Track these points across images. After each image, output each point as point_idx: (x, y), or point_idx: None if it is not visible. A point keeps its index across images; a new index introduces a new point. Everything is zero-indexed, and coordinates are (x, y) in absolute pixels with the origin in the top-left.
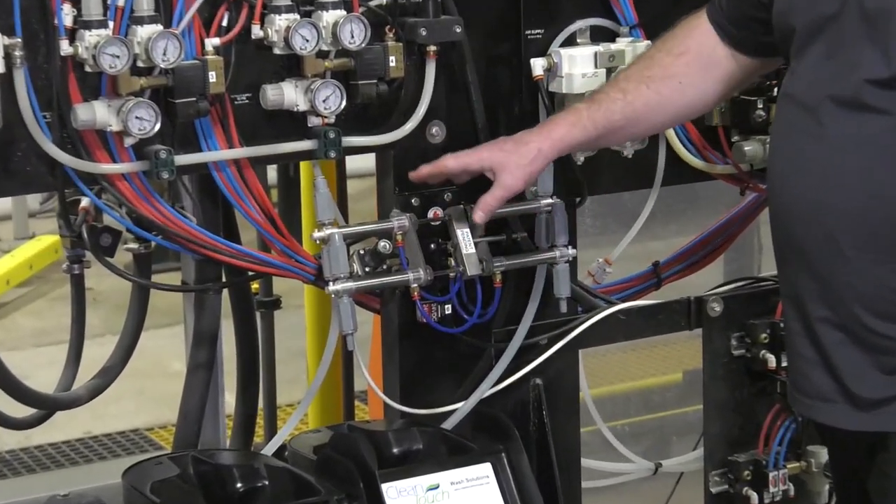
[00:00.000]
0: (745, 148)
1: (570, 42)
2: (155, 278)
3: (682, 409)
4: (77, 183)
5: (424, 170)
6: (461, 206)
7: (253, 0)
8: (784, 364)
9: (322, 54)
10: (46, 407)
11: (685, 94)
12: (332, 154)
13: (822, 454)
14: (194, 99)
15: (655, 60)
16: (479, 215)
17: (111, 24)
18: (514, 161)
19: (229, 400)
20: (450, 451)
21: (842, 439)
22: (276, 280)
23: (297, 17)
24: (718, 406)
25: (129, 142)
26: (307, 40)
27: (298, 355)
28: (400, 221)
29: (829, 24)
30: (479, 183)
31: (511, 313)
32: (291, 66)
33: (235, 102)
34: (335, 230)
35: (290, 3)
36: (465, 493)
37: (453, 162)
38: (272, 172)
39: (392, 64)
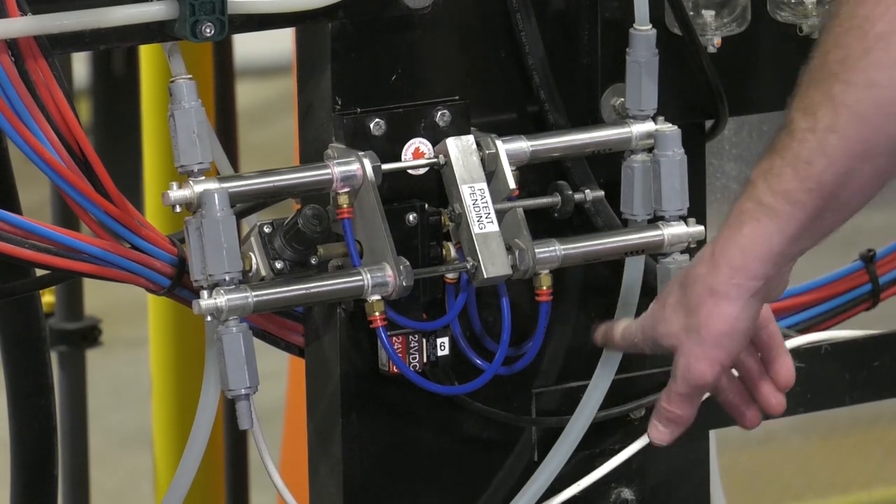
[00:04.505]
0: None
1: None
2: None
3: None
4: None
5: (616, 333)
6: (469, 137)
7: None
8: None
9: None
10: None
11: None
12: (208, 31)
13: None
14: None
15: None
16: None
17: None
18: (694, 341)
19: None
20: None
21: None
22: (89, 290)
23: None
24: None
25: None
26: None
27: (135, 440)
28: (344, 168)
29: None
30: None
31: (572, 356)
32: None
33: None
34: (214, 185)
35: None
36: None
37: (640, 334)
38: (81, 66)
39: None
